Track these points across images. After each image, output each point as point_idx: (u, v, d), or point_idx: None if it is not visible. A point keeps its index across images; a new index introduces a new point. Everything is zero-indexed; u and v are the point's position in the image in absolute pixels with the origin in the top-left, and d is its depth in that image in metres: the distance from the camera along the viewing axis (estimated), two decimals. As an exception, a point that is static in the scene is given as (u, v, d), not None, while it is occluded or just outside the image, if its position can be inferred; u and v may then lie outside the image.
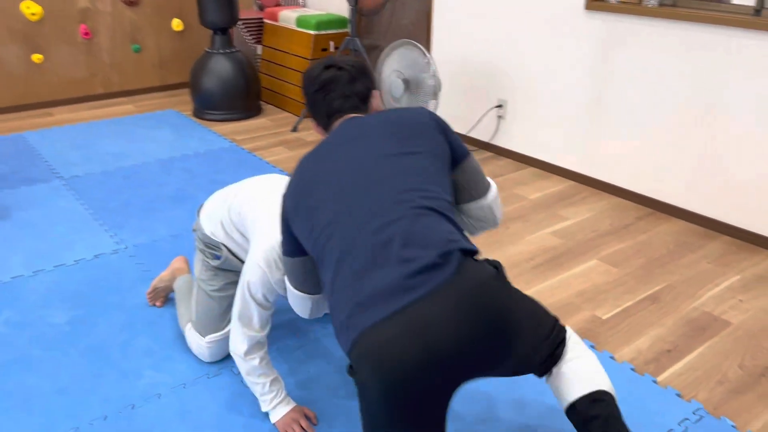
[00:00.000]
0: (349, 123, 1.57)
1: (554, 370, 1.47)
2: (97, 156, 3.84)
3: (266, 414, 1.86)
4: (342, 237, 1.37)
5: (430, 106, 3.63)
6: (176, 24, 5.16)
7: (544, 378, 1.51)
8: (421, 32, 4.36)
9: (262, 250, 1.73)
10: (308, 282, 1.62)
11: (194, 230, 2.13)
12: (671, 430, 1.83)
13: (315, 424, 1.84)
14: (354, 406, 1.91)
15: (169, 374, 2.03)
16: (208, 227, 2.03)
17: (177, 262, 2.39)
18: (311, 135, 4.32)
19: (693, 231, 3.02)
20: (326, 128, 1.67)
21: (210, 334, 2.03)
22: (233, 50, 4.51)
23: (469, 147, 4.09)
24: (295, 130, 4.39)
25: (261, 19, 5.09)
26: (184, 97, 5.16)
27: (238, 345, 1.78)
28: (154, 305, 2.38)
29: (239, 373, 2.01)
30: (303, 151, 3.99)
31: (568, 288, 2.55)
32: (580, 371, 1.47)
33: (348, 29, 4.72)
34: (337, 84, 1.64)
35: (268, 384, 1.81)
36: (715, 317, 2.37)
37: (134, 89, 5.17)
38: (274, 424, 1.82)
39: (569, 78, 3.45)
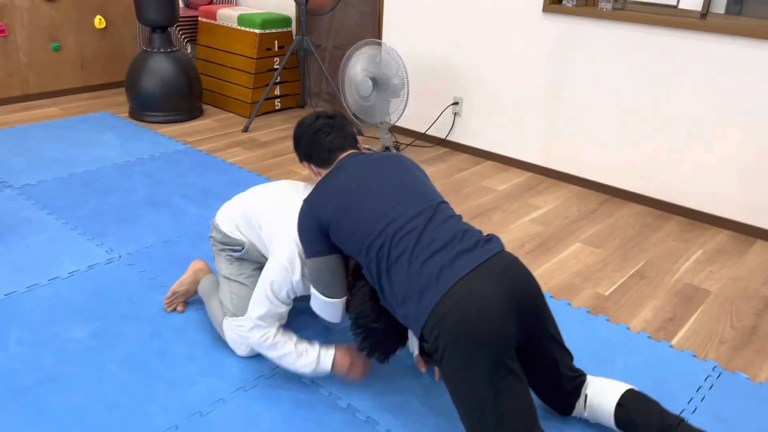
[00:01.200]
0: (355, 155, 1.93)
1: (588, 391, 1.78)
2: (42, 162, 3.57)
3: (335, 407, 1.88)
4: (408, 230, 1.66)
5: (394, 105, 3.73)
6: (98, 21, 4.87)
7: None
8: (366, 32, 4.44)
9: (286, 251, 1.86)
10: (335, 283, 1.83)
11: (211, 237, 2.21)
12: (701, 387, 2.06)
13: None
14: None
15: (221, 379, 1.99)
16: (227, 228, 2.12)
17: (197, 264, 2.33)
18: (265, 135, 4.27)
19: (650, 213, 3.35)
20: (326, 164, 1.96)
21: None
22: (174, 49, 4.35)
23: (425, 144, 4.24)
24: (246, 130, 4.32)
25: (195, 17, 4.93)
26: (113, 98, 4.89)
27: (257, 335, 1.91)
28: (175, 311, 2.30)
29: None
30: (261, 152, 3.95)
31: (564, 270, 2.75)
32: (607, 381, 1.79)
33: (291, 28, 4.70)
34: (335, 127, 1.99)
35: (293, 347, 1.90)
36: (696, 287, 2.66)
37: (54, 91, 4.81)
38: (333, 372, 1.91)
39: (526, 76, 3.69)
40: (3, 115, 4.36)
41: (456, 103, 4.03)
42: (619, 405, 1.70)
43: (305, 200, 1.86)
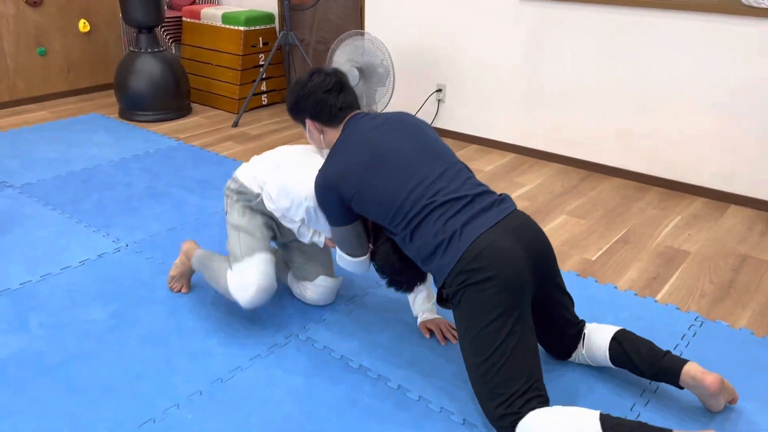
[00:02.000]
0: (362, 116, 1.97)
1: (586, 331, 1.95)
2: (38, 163, 3.64)
3: (348, 368, 2.00)
4: (432, 193, 1.78)
5: (380, 93, 3.86)
6: (83, 25, 4.94)
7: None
8: (349, 25, 4.56)
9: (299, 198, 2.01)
10: (360, 243, 1.98)
11: (227, 188, 2.23)
12: (685, 334, 2.22)
13: None
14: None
15: (239, 349, 2.10)
16: (246, 181, 2.15)
17: (185, 245, 2.40)
18: (254, 129, 4.37)
19: (629, 185, 3.52)
20: (334, 122, 1.98)
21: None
22: (161, 49, 4.44)
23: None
24: (236, 125, 4.42)
25: (178, 17, 5.01)
26: (100, 100, 4.96)
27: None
28: (180, 292, 2.41)
29: (308, 339, 2.15)
30: (253, 145, 4.05)
31: (553, 239, 2.90)
32: (603, 324, 1.97)
33: (275, 25, 4.81)
34: (346, 85, 2.02)
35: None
36: (676, 249, 2.83)
37: (42, 95, 4.87)
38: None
39: (506, 61, 3.84)
40: (-7, 121, 4.42)
41: (439, 90, 4.18)
42: (614, 339, 1.86)
43: (321, 173, 1.90)
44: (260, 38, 4.68)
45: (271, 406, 1.86)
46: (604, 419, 1.54)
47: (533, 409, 1.60)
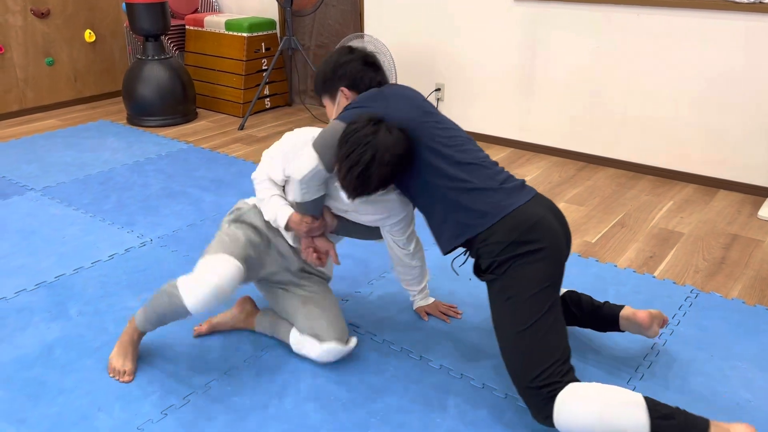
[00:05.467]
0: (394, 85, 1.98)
1: None
2: (55, 167, 3.78)
3: (376, 343, 2.16)
4: (471, 159, 1.84)
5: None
6: (88, 35, 5.08)
7: None
8: (348, 29, 4.73)
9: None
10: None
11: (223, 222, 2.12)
12: (681, 305, 2.39)
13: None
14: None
15: (265, 339, 2.24)
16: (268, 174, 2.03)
17: (245, 303, 2.25)
18: (260, 132, 4.52)
19: (623, 174, 3.70)
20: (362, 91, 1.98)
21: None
22: (167, 56, 4.58)
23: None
24: (242, 128, 4.57)
25: (182, 26, 5.16)
26: (107, 108, 5.09)
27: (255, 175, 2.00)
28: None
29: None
30: (260, 146, 4.20)
31: (554, 225, 3.07)
32: None
33: (276, 31, 4.97)
34: (381, 66, 2.05)
35: (267, 196, 1.97)
36: (670, 231, 3.01)
37: (50, 104, 5.00)
38: (289, 229, 1.97)
39: (501, 60, 4.02)
40: (5, 129, 4.54)
41: (438, 89, 4.35)
42: (561, 299, 2.04)
43: (362, 108, 1.85)
44: (263, 44, 4.84)
45: (303, 377, 2.01)
46: (646, 397, 1.57)
47: (573, 380, 1.63)
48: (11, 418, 1.84)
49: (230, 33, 4.78)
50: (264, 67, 4.89)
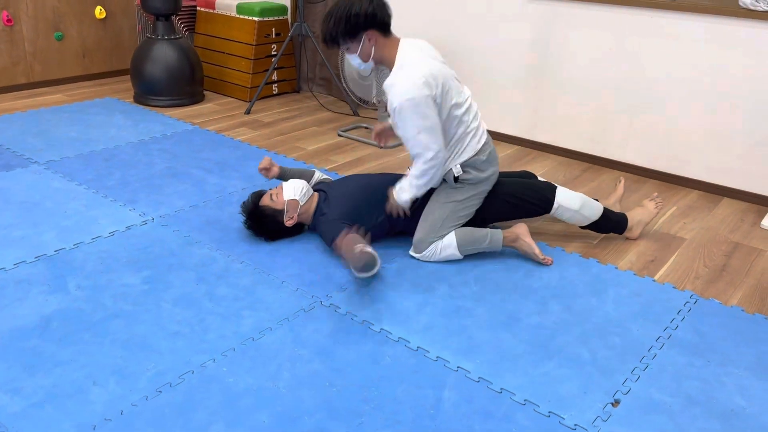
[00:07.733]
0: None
1: None
2: (60, 142, 3.77)
3: (373, 332, 2.16)
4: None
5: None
6: (99, 12, 5.06)
7: None
8: (359, 19, 4.70)
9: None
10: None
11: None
12: (681, 310, 2.39)
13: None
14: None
15: (267, 312, 2.25)
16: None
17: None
18: (267, 117, 4.51)
19: (628, 177, 3.69)
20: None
21: None
22: (177, 36, 4.57)
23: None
24: (248, 112, 4.55)
25: (193, 7, 5.14)
26: (114, 85, 5.08)
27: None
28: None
29: (331, 305, 2.29)
30: (266, 131, 4.19)
31: (556, 224, 3.07)
32: None
33: (287, 16, 4.95)
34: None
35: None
36: (673, 236, 3.00)
37: (57, 79, 4.99)
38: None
39: (511, 59, 4.00)
40: (11, 101, 4.53)
41: (447, 83, 4.32)
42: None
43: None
44: (273, 29, 4.82)
45: (299, 363, 2.01)
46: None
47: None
48: (6, 387, 1.85)
49: (241, 16, 4.76)
50: (273, 53, 4.88)
